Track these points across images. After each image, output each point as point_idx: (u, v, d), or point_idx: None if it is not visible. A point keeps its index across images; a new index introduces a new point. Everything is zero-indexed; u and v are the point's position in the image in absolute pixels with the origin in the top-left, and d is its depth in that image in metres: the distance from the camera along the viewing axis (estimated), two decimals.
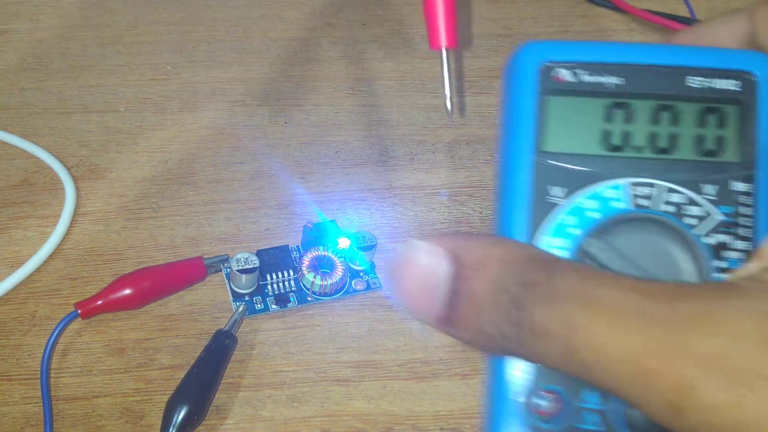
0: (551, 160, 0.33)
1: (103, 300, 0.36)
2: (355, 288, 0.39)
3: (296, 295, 0.38)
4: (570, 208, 0.33)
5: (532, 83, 0.34)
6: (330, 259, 0.38)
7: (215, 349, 0.35)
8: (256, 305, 0.38)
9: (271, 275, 0.38)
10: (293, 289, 0.38)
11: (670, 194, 0.33)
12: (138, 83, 0.48)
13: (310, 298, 0.38)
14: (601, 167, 0.33)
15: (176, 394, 0.33)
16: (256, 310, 0.38)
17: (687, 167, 0.33)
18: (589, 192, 0.33)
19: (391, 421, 0.35)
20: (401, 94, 0.46)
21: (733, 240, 0.33)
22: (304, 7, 0.51)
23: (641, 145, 0.34)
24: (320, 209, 0.41)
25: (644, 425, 0.29)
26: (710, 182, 0.33)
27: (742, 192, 0.33)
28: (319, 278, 0.38)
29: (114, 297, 0.37)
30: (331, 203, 0.42)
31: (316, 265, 0.38)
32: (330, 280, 0.38)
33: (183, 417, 0.33)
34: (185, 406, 0.33)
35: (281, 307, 0.38)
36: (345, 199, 0.42)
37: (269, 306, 0.38)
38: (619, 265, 0.32)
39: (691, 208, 0.33)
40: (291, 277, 0.39)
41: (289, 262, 0.39)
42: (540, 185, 0.33)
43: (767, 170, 0.33)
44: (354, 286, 0.39)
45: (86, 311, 0.36)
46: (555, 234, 0.32)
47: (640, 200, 0.33)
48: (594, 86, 0.34)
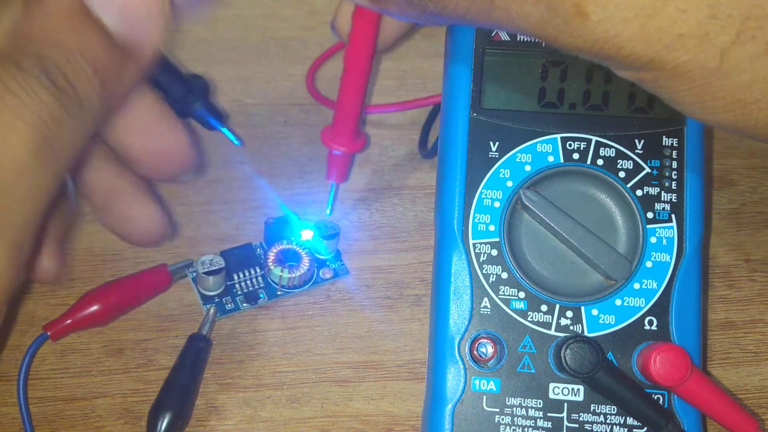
0: (488, 117, 0.34)
1: (71, 319, 0.36)
2: (323, 277, 0.39)
3: (265, 290, 0.38)
4: (504, 161, 0.34)
5: (470, 41, 0.35)
6: (295, 252, 0.39)
7: (190, 353, 0.35)
8: (227, 305, 0.38)
9: (237, 274, 0.38)
10: (261, 285, 0.39)
11: (601, 148, 0.34)
12: None
13: (279, 292, 0.38)
14: (535, 123, 0.34)
15: (157, 403, 0.33)
16: (227, 311, 0.38)
17: (618, 123, 0.34)
18: (523, 146, 0.34)
19: (391, 422, 0.35)
20: (401, 94, 0.46)
21: (661, 191, 0.33)
22: (304, 6, 0.51)
23: (575, 102, 0.34)
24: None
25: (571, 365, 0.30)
26: (640, 137, 0.34)
27: (669, 146, 0.34)
28: (286, 272, 0.38)
29: (82, 315, 0.36)
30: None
31: (282, 258, 0.38)
32: (297, 272, 0.38)
33: (167, 424, 0.33)
34: (168, 413, 0.33)
35: (252, 304, 0.38)
36: (345, 198, 0.42)
37: (239, 305, 0.38)
38: (553, 215, 0.32)
39: (621, 162, 0.34)
40: (258, 274, 0.39)
41: (254, 260, 0.39)
42: (477, 140, 0.34)
43: (694, 125, 0.34)
44: (322, 276, 0.39)
45: (56, 333, 0.36)
46: (490, 186, 0.33)
47: (573, 154, 0.34)
48: (530, 45, 0.34)
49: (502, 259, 0.33)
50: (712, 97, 0.21)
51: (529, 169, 0.34)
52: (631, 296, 0.32)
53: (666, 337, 0.32)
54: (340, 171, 0.39)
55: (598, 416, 0.31)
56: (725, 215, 0.42)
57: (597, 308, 0.32)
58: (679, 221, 0.33)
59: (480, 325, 0.32)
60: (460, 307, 0.32)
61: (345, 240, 0.41)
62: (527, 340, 0.32)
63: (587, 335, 0.32)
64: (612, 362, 0.32)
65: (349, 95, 0.35)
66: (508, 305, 0.32)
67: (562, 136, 0.34)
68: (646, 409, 0.30)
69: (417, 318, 0.38)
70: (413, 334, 0.38)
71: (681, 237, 0.33)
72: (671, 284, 0.32)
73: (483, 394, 0.32)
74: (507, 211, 0.33)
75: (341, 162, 0.39)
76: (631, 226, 0.33)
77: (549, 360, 0.32)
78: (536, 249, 0.33)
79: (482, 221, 0.33)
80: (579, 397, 0.32)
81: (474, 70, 0.35)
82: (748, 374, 0.37)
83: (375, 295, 0.39)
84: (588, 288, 0.33)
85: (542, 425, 0.31)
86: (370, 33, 0.32)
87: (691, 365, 0.30)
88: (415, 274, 0.40)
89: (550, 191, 0.34)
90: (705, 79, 0.21)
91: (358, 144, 0.38)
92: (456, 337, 0.32)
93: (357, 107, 0.36)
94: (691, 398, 0.31)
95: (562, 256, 0.33)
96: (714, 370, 0.37)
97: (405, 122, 0.45)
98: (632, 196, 0.33)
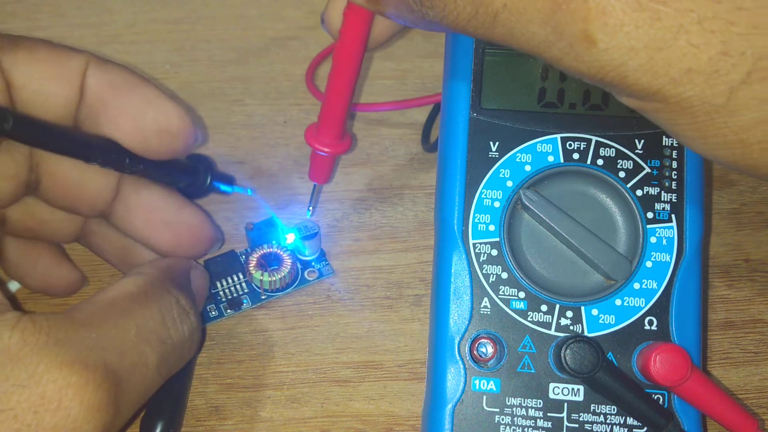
0: (488, 117, 0.34)
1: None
2: (307, 278, 0.39)
3: (249, 296, 0.38)
4: (504, 161, 0.33)
5: (470, 42, 0.35)
6: (277, 255, 0.38)
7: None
8: (210, 313, 0.38)
9: (221, 282, 0.38)
10: (246, 291, 0.39)
11: (601, 148, 0.34)
12: None
13: (263, 296, 0.38)
14: (535, 123, 0.34)
15: (148, 412, 0.33)
16: (211, 318, 0.38)
17: (618, 123, 0.34)
18: (523, 146, 0.34)
19: (391, 422, 0.35)
20: (401, 93, 0.46)
21: (661, 192, 0.33)
22: (304, 6, 0.51)
23: (575, 102, 0.34)
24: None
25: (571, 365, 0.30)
26: (640, 137, 0.34)
27: (669, 146, 0.34)
28: (267, 275, 0.38)
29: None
30: (331, 203, 0.42)
31: (264, 263, 0.38)
32: (279, 275, 0.38)
33: None
34: (159, 421, 0.33)
35: (235, 310, 0.38)
36: (345, 198, 0.42)
37: (223, 312, 0.38)
38: (553, 215, 0.32)
39: (621, 162, 0.34)
40: (242, 281, 0.39)
41: (237, 266, 0.39)
42: (477, 140, 0.34)
43: None
44: (306, 277, 0.39)
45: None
46: (490, 186, 0.33)
47: (573, 154, 0.34)
48: None
49: (502, 259, 0.33)
50: (714, 133, 0.21)
51: (529, 169, 0.34)
52: (631, 296, 0.32)
53: (666, 337, 0.32)
54: (323, 172, 0.38)
55: (598, 416, 0.31)
56: (725, 215, 0.42)
57: (597, 308, 0.32)
58: (679, 221, 0.33)
59: (480, 325, 0.32)
60: (460, 307, 0.32)
61: (345, 239, 0.41)
62: (527, 340, 0.32)
63: (587, 335, 0.32)
64: (612, 362, 0.32)
65: (336, 94, 0.33)
66: (508, 305, 0.32)
67: (562, 136, 0.34)
68: (646, 409, 0.30)
69: (417, 318, 0.38)
70: (413, 334, 0.38)
71: (681, 237, 0.33)
72: (671, 284, 0.32)
73: (483, 394, 0.32)
74: (507, 211, 0.33)
75: (324, 163, 0.37)
76: (631, 226, 0.33)
77: (549, 360, 0.32)
78: (536, 249, 0.33)
79: (482, 221, 0.33)
80: (579, 397, 0.32)
81: (474, 70, 0.34)
82: (748, 374, 0.37)
83: (375, 295, 0.39)
84: (588, 288, 0.33)
85: (542, 425, 0.31)
86: (361, 30, 0.31)
87: (691, 365, 0.30)
88: (415, 274, 0.40)
89: (550, 191, 0.34)
90: (709, 115, 0.20)
91: (343, 145, 0.36)
92: (456, 337, 0.32)
93: (344, 107, 0.34)
94: (691, 398, 0.31)
95: (562, 256, 0.33)
96: (714, 370, 0.37)
97: (405, 122, 0.45)
98: (632, 196, 0.33)
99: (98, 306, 0.27)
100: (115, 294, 0.28)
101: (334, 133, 0.35)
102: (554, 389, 0.32)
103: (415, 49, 0.48)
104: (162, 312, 0.29)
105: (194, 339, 0.31)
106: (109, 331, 0.26)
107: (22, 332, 0.24)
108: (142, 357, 0.27)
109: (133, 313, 0.28)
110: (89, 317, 0.26)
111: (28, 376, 0.23)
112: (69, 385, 0.24)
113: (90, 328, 0.26)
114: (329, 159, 0.37)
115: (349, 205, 0.42)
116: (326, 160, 0.37)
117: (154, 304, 0.29)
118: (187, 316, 0.30)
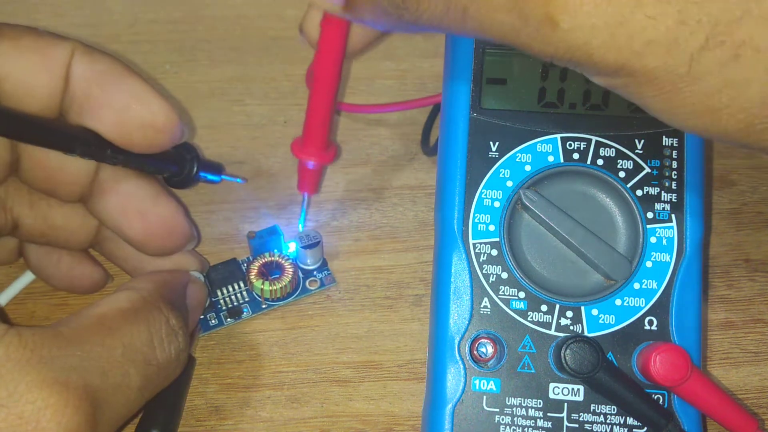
0: (488, 117, 0.34)
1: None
2: (309, 288, 0.39)
3: (249, 305, 0.38)
4: (504, 161, 0.33)
5: (470, 41, 0.35)
6: (278, 263, 0.38)
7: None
8: (210, 321, 0.38)
9: (221, 290, 0.38)
10: (246, 299, 0.38)
11: (601, 148, 0.34)
12: None
13: (264, 306, 0.38)
14: (535, 123, 0.34)
15: (142, 421, 0.33)
16: (211, 326, 0.38)
17: (618, 123, 0.34)
18: (523, 146, 0.34)
19: (391, 422, 0.35)
20: (401, 93, 0.46)
21: (661, 192, 0.33)
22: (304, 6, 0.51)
23: (575, 102, 0.34)
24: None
25: (571, 365, 0.30)
26: (640, 137, 0.34)
27: (669, 146, 0.34)
28: (267, 284, 0.37)
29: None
30: (331, 203, 0.42)
31: (265, 271, 0.38)
32: (280, 284, 0.37)
33: None
34: (153, 429, 0.33)
35: (235, 319, 0.38)
36: (345, 198, 0.42)
37: (223, 320, 0.38)
38: (553, 215, 0.32)
39: (621, 162, 0.34)
40: (243, 289, 0.38)
41: (239, 275, 0.39)
42: (477, 140, 0.34)
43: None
44: (308, 286, 0.39)
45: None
46: (490, 186, 0.33)
47: (573, 154, 0.34)
48: None
49: (502, 259, 0.33)
50: (682, 103, 0.21)
51: (529, 169, 0.34)
52: (631, 296, 0.32)
53: (666, 337, 0.32)
54: (311, 182, 0.38)
55: (598, 416, 0.31)
56: (725, 215, 0.42)
57: (597, 308, 0.32)
58: (679, 221, 0.33)
59: (480, 325, 0.32)
60: (460, 307, 0.32)
61: (345, 240, 0.41)
62: (527, 340, 0.32)
63: (587, 335, 0.32)
64: (612, 362, 0.32)
65: (319, 104, 0.34)
66: (508, 305, 0.32)
67: (562, 136, 0.34)
68: (646, 409, 0.30)
69: (417, 318, 0.38)
70: (413, 334, 0.38)
71: (681, 237, 0.33)
72: (671, 284, 0.32)
73: (483, 394, 0.32)
74: (507, 211, 0.33)
75: (312, 173, 0.38)
76: (631, 226, 0.33)
77: (549, 360, 0.32)
78: (536, 249, 0.33)
79: (482, 221, 0.33)
80: (579, 397, 0.32)
81: (474, 70, 0.34)
82: (748, 374, 0.37)
83: (375, 295, 0.39)
84: (588, 288, 0.33)
85: (542, 425, 0.31)
86: (339, 40, 0.31)
87: (691, 365, 0.30)
88: (415, 274, 0.40)
89: (550, 191, 0.34)
90: (675, 85, 0.21)
91: (329, 155, 0.37)
92: (456, 337, 0.32)
93: (327, 116, 0.35)
94: (691, 398, 0.31)
95: (562, 256, 0.33)
96: (714, 370, 0.37)
97: (405, 122, 0.45)
98: (632, 196, 0.33)
99: (87, 321, 0.27)
100: (105, 310, 0.28)
101: (318, 143, 0.36)
102: (554, 389, 0.32)
103: (415, 49, 0.48)
104: (150, 331, 0.29)
105: (181, 359, 0.31)
106: (94, 349, 0.26)
107: (7, 347, 0.24)
108: (125, 378, 0.27)
109: (120, 331, 0.27)
110: (76, 333, 0.26)
111: (8, 394, 0.23)
112: (47, 406, 0.23)
113: (75, 345, 0.26)
114: (317, 169, 0.37)
115: (349, 205, 0.42)
116: (314, 170, 0.37)
117: (144, 322, 0.29)
118: (176, 336, 0.30)
